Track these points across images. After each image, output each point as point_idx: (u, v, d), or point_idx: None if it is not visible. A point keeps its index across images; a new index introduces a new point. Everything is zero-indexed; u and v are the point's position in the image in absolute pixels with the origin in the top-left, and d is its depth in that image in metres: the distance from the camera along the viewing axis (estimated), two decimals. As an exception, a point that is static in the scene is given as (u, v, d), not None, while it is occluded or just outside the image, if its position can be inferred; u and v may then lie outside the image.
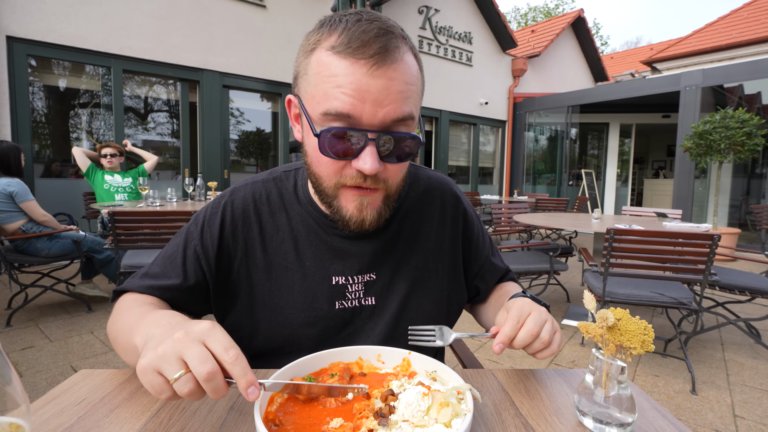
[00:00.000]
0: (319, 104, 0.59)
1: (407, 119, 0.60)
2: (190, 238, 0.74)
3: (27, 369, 2.21)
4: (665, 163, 12.97)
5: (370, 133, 0.58)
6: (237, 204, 0.76)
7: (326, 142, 0.59)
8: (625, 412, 0.54)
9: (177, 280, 0.72)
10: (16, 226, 2.95)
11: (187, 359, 0.44)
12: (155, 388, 0.45)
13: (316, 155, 0.63)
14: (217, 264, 0.74)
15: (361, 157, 0.59)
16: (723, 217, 7.26)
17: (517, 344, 0.62)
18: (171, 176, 5.70)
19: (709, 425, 1.89)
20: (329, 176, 0.63)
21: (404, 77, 0.59)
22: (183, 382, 0.44)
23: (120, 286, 0.75)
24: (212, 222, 0.74)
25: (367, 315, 0.75)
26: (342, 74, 0.57)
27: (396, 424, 0.49)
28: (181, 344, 0.45)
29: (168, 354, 0.45)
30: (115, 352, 2.45)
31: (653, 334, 0.53)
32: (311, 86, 0.61)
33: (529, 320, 0.63)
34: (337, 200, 0.66)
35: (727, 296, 3.80)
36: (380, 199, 0.66)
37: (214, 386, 0.44)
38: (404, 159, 0.63)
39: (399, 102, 0.58)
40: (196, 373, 0.44)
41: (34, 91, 4.59)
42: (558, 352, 0.64)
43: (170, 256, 0.74)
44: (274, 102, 6.43)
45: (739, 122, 5.28)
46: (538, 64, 10.53)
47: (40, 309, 3.13)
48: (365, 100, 0.57)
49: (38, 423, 0.53)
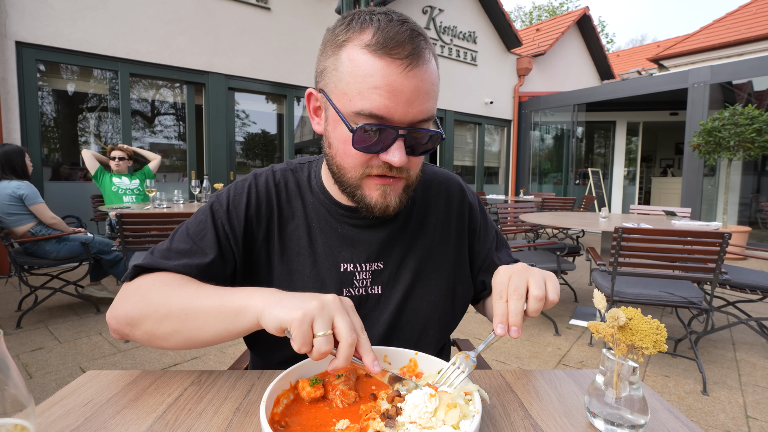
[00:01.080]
0: (352, 102, 0.61)
1: (430, 119, 0.65)
2: (216, 217, 0.74)
3: (37, 370, 2.23)
4: (673, 161, 12.83)
5: (400, 129, 0.62)
6: (261, 187, 0.78)
7: (359, 138, 0.62)
8: (637, 413, 0.53)
9: (212, 255, 0.71)
10: (25, 228, 2.98)
11: (338, 323, 0.51)
12: (303, 338, 0.49)
13: (343, 148, 0.65)
14: (243, 244, 0.75)
15: (390, 150, 0.63)
16: (733, 216, 7.17)
17: (512, 318, 0.58)
18: (178, 178, 5.74)
19: (721, 426, 1.86)
20: (355, 167, 0.66)
21: (431, 78, 0.63)
22: (326, 340, 0.50)
23: (144, 262, 0.69)
24: (238, 203, 0.76)
25: (372, 304, 0.77)
26: (378, 75, 0.59)
27: (403, 426, 0.49)
28: (335, 308, 0.52)
29: (324, 312, 0.51)
30: (122, 353, 2.47)
31: (666, 334, 0.52)
32: (343, 83, 0.62)
33: (511, 287, 0.60)
34: (361, 189, 0.68)
35: (738, 295, 3.74)
36: (401, 187, 0.69)
37: (349, 354, 0.50)
38: (425, 152, 0.68)
39: (426, 102, 0.63)
40: (343, 336, 0.50)
41: (42, 96, 4.64)
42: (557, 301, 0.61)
43: (197, 233, 0.72)
44: (279, 104, 6.45)
45: (748, 119, 5.21)
46: (543, 62, 10.47)
47: (49, 311, 3.16)
48: (398, 100, 0.60)
49: (45, 424, 0.53)
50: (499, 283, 0.62)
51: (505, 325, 0.59)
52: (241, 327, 0.57)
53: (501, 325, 0.59)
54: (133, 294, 0.65)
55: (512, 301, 0.59)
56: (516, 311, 0.58)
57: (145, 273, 0.70)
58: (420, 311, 0.78)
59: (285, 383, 0.57)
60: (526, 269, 0.63)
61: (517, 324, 0.58)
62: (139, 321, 0.63)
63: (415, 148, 0.66)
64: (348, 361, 0.51)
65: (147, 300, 0.63)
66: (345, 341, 0.50)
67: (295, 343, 0.50)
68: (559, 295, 0.61)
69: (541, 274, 0.62)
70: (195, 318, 0.59)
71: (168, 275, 0.67)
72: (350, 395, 0.56)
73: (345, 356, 0.50)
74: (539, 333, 2.95)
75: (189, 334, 0.60)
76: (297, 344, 0.50)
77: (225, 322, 0.57)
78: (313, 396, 0.56)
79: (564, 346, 2.74)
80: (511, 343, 2.77)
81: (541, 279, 0.61)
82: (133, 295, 0.65)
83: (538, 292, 0.59)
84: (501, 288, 0.61)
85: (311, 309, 0.50)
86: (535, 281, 0.60)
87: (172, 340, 0.62)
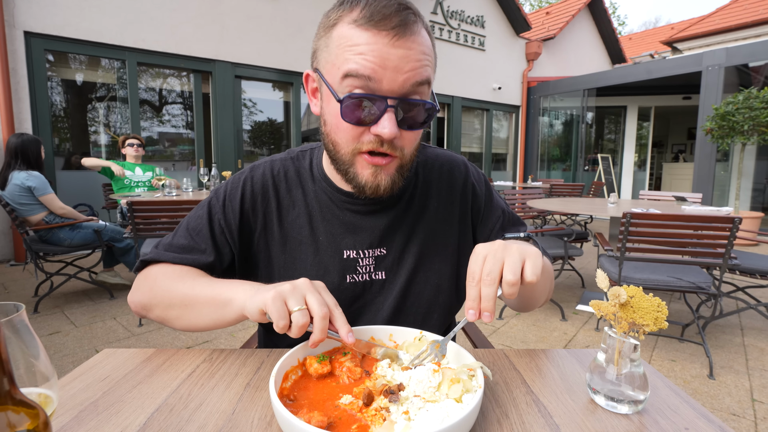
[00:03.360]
0: (340, 69, 0.61)
1: (424, 83, 0.63)
2: (213, 212, 0.77)
3: (55, 353, 2.31)
4: (685, 147, 12.59)
5: (390, 99, 0.61)
6: (256, 180, 0.79)
7: (347, 109, 0.62)
8: (637, 389, 0.54)
9: (212, 256, 0.75)
10: (39, 217, 3.05)
11: (309, 299, 0.55)
12: (278, 313, 0.54)
13: (335, 122, 0.65)
14: (239, 237, 0.77)
15: (380, 122, 0.62)
16: (745, 201, 7.05)
17: (484, 304, 0.55)
18: (186, 167, 5.79)
19: (726, 409, 1.86)
20: (347, 142, 0.66)
21: (421, 47, 0.62)
22: (301, 314, 0.54)
23: (148, 256, 0.76)
24: (233, 197, 0.78)
25: (377, 289, 0.78)
26: (364, 43, 0.60)
27: (407, 399, 0.50)
28: (305, 288, 0.57)
29: (296, 291, 0.56)
30: (135, 337, 2.53)
31: (667, 311, 0.53)
32: (332, 56, 0.63)
33: (484, 272, 0.56)
34: (353, 167, 0.68)
35: (747, 281, 3.71)
36: (394, 167, 0.68)
37: (323, 326, 0.54)
38: (420, 126, 0.66)
39: (418, 68, 0.62)
40: (314, 311, 0.54)
41: (52, 86, 4.68)
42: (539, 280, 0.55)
43: (195, 228, 0.77)
44: (286, 91, 6.43)
45: (763, 102, 5.08)
46: (553, 47, 10.26)
47: (65, 296, 3.24)
48: (386, 66, 0.59)
49: (66, 398, 0.56)
50: (473, 263, 0.58)
51: (476, 311, 0.56)
52: (229, 317, 0.63)
53: (472, 311, 0.56)
54: (143, 284, 0.74)
55: (484, 287, 0.55)
56: (488, 296, 0.55)
57: (152, 264, 0.77)
58: (424, 295, 0.79)
59: (293, 360, 0.59)
60: (503, 248, 0.57)
61: (489, 309, 0.55)
62: (150, 307, 0.72)
63: (408, 123, 0.64)
64: (323, 333, 0.55)
65: (153, 291, 0.71)
66: (317, 315, 0.54)
67: (273, 318, 0.54)
68: (538, 276, 0.55)
69: (519, 254, 0.56)
70: (192, 308, 0.67)
71: (171, 267, 0.74)
72: (356, 371, 0.58)
73: (319, 329, 0.54)
74: (546, 318, 2.97)
75: (190, 320, 0.68)
76: (274, 319, 0.54)
77: (216, 312, 0.64)
78: (320, 372, 0.58)
79: (570, 331, 2.75)
80: (518, 328, 2.79)
81: (519, 260, 0.55)
82: (143, 285, 0.74)
83: (511, 277, 0.54)
84: (474, 270, 0.57)
85: (283, 290, 0.56)
86: (510, 264, 0.55)
87: (179, 324, 0.70)
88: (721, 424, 0.52)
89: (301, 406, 0.51)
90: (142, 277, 0.75)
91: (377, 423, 0.47)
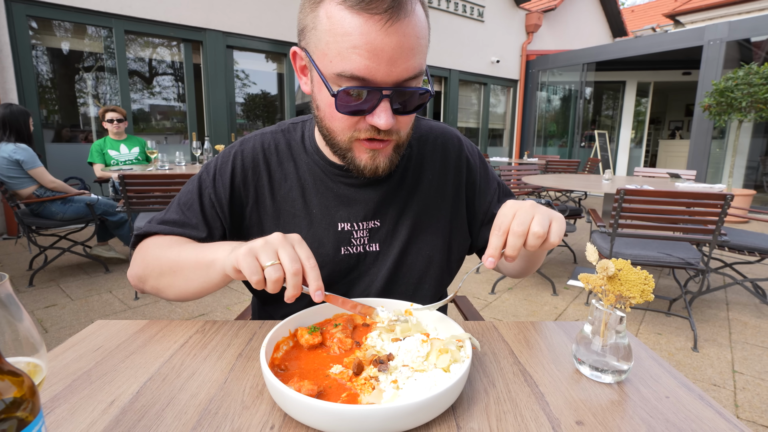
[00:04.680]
0: (333, 64, 0.59)
1: (418, 75, 0.62)
2: (203, 186, 0.77)
3: (52, 325, 2.32)
4: (682, 124, 12.53)
5: (384, 90, 0.59)
6: (247, 153, 0.78)
7: (342, 101, 0.60)
8: (621, 360, 0.56)
9: (203, 232, 0.76)
10: (29, 191, 3.00)
11: (281, 255, 0.54)
12: (250, 268, 0.54)
13: (330, 111, 0.64)
14: (230, 211, 0.77)
15: (375, 113, 0.61)
16: (739, 179, 7.08)
17: (509, 252, 0.58)
18: (179, 140, 5.69)
19: (708, 380, 1.93)
20: (343, 131, 0.65)
21: (416, 31, 0.59)
22: (274, 269, 0.53)
23: (142, 230, 0.77)
24: (223, 171, 0.77)
25: (371, 261, 0.79)
26: (356, 33, 0.56)
27: (396, 369, 0.51)
28: (278, 242, 0.55)
29: (267, 246, 0.55)
30: (132, 310, 2.55)
31: (653, 284, 0.53)
32: (322, 43, 0.60)
33: (514, 222, 0.58)
34: (351, 152, 0.68)
35: (736, 257, 3.77)
36: (391, 148, 0.68)
37: (296, 282, 0.54)
38: (414, 111, 0.65)
39: (411, 59, 0.59)
40: (286, 267, 0.54)
41: (37, 55, 4.52)
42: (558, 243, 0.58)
43: (186, 203, 0.77)
44: (280, 63, 6.27)
45: (763, 78, 5.03)
46: (553, 18, 10.01)
47: (59, 270, 3.24)
48: (380, 59, 0.57)
49: (58, 367, 0.56)
50: (503, 215, 0.60)
51: (495, 259, 0.59)
52: (214, 279, 0.63)
53: (492, 258, 0.59)
54: (138, 257, 0.75)
55: (512, 237, 0.58)
56: (514, 246, 0.58)
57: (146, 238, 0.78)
58: (416, 266, 0.80)
59: (284, 331, 0.60)
60: (533, 206, 0.60)
61: (513, 256, 0.58)
62: (145, 278, 0.73)
63: (403, 108, 0.63)
64: (297, 289, 0.54)
65: (146, 261, 0.73)
66: (288, 272, 0.53)
67: (246, 275, 0.54)
68: (560, 238, 0.59)
69: (548, 214, 0.60)
70: (180, 273, 0.67)
71: (161, 238, 0.75)
72: (347, 342, 0.59)
73: (291, 285, 0.54)
74: (537, 293, 3.02)
75: (180, 286, 0.69)
76: (247, 275, 0.54)
77: (203, 275, 0.64)
78: (311, 343, 0.59)
79: (561, 305, 2.81)
80: (510, 302, 2.84)
81: (547, 218, 0.59)
82: (138, 258, 0.75)
83: (539, 229, 0.57)
84: (503, 221, 0.60)
85: (255, 245, 0.55)
86: (539, 219, 0.58)
87: (171, 292, 0.71)
88: (700, 392, 0.53)
89: (291, 376, 0.52)
90: (136, 251, 0.77)
91: (366, 392, 0.48)
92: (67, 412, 0.47)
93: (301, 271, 0.54)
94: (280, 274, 0.53)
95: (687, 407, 0.50)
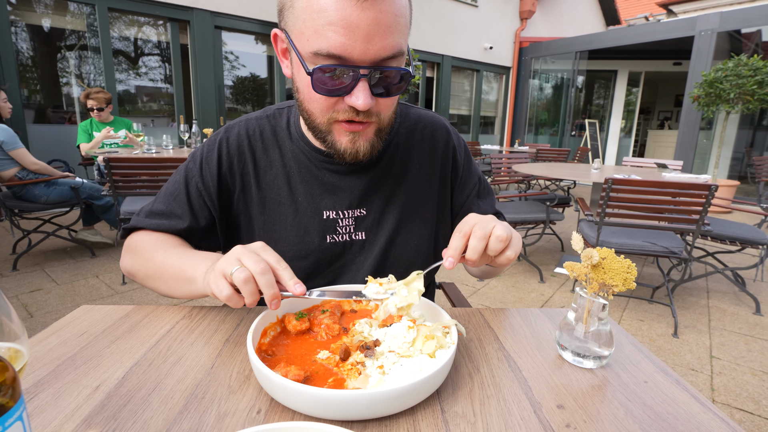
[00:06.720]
0: (309, 42, 0.57)
1: (398, 55, 0.60)
2: (190, 176, 0.77)
3: (37, 310, 2.30)
4: (671, 114, 12.64)
5: (362, 69, 0.58)
6: (232, 140, 0.78)
7: (318, 81, 0.59)
8: (603, 346, 0.57)
9: (187, 221, 0.76)
10: (11, 173, 2.93)
11: (244, 260, 0.52)
12: (218, 287, 0.52)
13: (308, 92, 0.62)
14: (219, 199, 0.77)
15: (353, 93, 0.59)
16: (724, 169, 7.21)
17: (469, 255, 0.58)
18: (166, 123, 5.58)
19: (686, 365, 1.99)
20: (322, 112, 0.64)
21: (393, 9, 0.57)
22: (239, 271, 0.51)
23: (130, 224, 0.78)
24: (210, 159, 0.77)
25: (357, 249, 0.79)
26: (332, 9, 0.54)
27: (382, 355, 0.52)
28: (239, 253, 0.54)
29: (230, 260, 0.53)
30: (119, 295, 2.53)
31: (636, 273, 0.54)
32: (299, 21, 0.58)
33: (476, 227, 0.59)
34: (331, 135, 0.66)
35: (718, 246, 3.86)
36: (372, 132, 0.67)
37: (268, 280, 0.52)
38: (395, 93, 0.63)
39: (389, 37, 0.57)
40: (252, 269, 0.51)
41: (16, 32, 4.36)
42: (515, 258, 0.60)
43: (173, 193, 0.77)
44: (270, 45, 6.14)
45: (752, 70, 5.08)
46: (547, 5, 9.93)
47: (44, 254, 3.19)
48: (356, 36, 0.55)
49: (42, 353, 0.56)
50: (465, 221, 0.61)
51: (455, 260, 0.58)
52: (197, 293, 0.64)
53: (451, 259, 0.58)
54: (128, 251, 0.76)
55: (473, 239, 0.58)
56: (475, 249, 0.57)
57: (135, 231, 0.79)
58: (404, 256, 0.80)
59: (272, 317, 0.60)
60: (494, 219, 0.61)
61: (474, 260, 0.58)
62: (134, 273, 0.75)
63: (384, 89, 0.61)
64: (271, 287, 0.52)
65: (134, 260, 0.74)
66: (255, 272, 0.51)
67: (222, 299, 0.52)
68: (517, 253, 0.60)
69: (508, 228, 0.60)
70: (165, 281, 0.68)
71: (149, 235, 0.75)
72: (334, 328, 0.59)
73: (263, 284, 0.52)
74: (524, 280, 3.06)
75: (166, 291, 0.70)
76: (222, 298, 0.52)
77: (185, 288, 0.65)
78: (298, 329, 0.59)
79: (547, 292, 2.86)
80: (497, 290, 2.87)
81: (508, 231, 0.60)
82: (128, 252, 0.76)
83: (502, 232, 0.58)
84: (464, 225, 0.60)
85: (218, 265, 0.54)
86: (501, 226, 0.59)
87: (160, 292, 0.72)
88: (677, 377, 0.55)
89: (278, 361, 0.52)
90: (126, 244, 0.77)
91: (353, 377, 0.49)
92: (51, 397, 0.47)
93: (269, 269, 0.52)
94: (246, 274, 0.51)
95: (664, 391, 0.52)
